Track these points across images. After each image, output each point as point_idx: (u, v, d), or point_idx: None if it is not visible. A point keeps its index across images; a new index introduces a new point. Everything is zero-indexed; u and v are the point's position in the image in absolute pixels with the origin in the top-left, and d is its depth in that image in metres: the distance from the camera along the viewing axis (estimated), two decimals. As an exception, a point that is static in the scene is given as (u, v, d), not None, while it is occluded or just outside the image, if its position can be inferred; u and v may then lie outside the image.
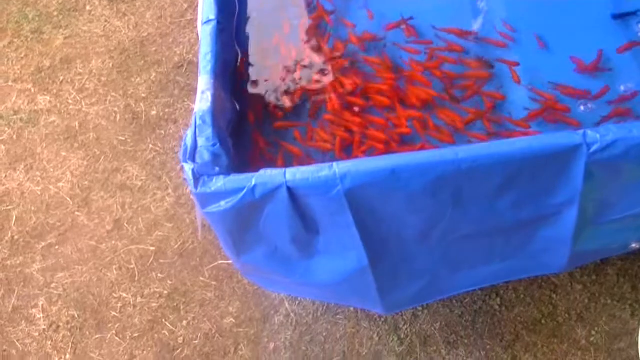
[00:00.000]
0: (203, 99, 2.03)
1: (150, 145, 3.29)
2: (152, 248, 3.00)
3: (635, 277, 2.67)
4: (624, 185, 1.95)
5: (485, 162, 1.79)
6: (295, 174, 1.79)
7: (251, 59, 2.64)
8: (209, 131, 1.95)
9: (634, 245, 2.31)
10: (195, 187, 1.83)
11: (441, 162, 1.78)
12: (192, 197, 3.03)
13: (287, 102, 2.52)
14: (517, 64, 2.55)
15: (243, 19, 2.74)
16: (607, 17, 2.64)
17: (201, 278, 2.89)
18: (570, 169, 1.85)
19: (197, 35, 3.40)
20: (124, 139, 3.33)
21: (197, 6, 3.68)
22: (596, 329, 2.59)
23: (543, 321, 2.63)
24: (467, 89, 2.53)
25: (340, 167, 1.78)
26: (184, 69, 3.54)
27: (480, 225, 2.04)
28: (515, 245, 2.15)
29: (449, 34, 2.68)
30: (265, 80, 2.60)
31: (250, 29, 2.72)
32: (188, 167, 1.85)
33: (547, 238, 2.11)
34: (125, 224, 3.07)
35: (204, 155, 1.90)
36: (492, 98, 2.49)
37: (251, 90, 2.56)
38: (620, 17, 2.61)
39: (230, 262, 2.82)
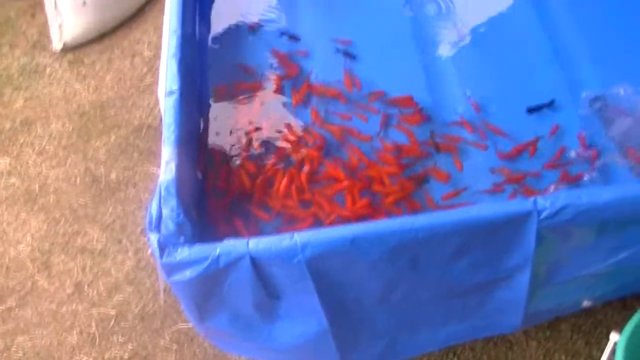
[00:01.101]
0: (167, 170, 2.06)
1: (110, 209, 3.30)
2: (113, 311, 2.99)
3: (588, 332, 2.74)
4: (574, 248, 2.03)
5: (441, 230, 1.85)
6: (257, 243, 1.84)
7: (213, 129, 2.69)
8: (173, 202, 1.98)
9: (585, 304, 2.39)
10: (161, 257, 1.86)
11: (399, 231, 1.84)
12: (152, 260, 3.05)
13: (246, 172, 2.56)
14: (486, 148, 2.61)
15: (205, 88, 2.79)
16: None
17: (162, 341, 2.89)
18: (522, 235, 1.92)
19: (157, 99, 3.44)
20: (84, 202, 3.34)
21: (156, 70, 3.73)
22: (552, 384, 2.65)
23: (500, 379, 2.68)
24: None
25: (301, 236, 1.83)
26: (143, 132, 3.57)
27: (437, 289, 2.09)
28: (471, 307, 2.21)
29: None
30: (228, 149, 2.64)
31: (212, 98, 2.78)
32: (154, 237, 1.88)
33: (502, 299, 2.17)
34: (85, 287, 3.07)
35: (168, 225, 1.93)
36: (437, 176, 2.55)
37: (214, 158, 2.61)
38: (535, 110, 2.70)
39: (190, 325, 2.83)
